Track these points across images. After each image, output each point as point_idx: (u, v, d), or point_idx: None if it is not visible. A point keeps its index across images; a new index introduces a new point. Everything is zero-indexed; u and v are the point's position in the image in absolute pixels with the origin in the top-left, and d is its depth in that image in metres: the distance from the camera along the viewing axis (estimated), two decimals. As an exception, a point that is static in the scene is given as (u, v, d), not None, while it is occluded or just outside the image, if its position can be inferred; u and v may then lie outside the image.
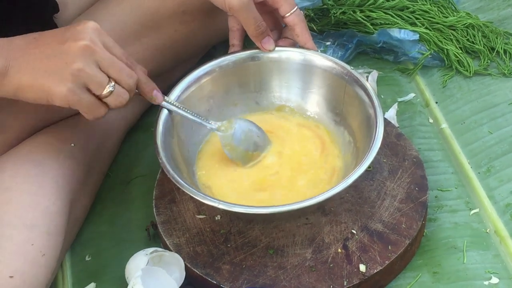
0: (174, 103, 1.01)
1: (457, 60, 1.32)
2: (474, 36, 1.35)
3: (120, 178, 1.18)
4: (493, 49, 1.34)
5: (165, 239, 1.01)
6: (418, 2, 1.39)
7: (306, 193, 0.99)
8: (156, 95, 0.98)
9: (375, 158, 0.94)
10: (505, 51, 1.33)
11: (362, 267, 0.96)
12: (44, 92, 0.87)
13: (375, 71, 1.33)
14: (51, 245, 0.94)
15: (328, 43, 1.37)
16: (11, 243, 0.91)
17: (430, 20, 1.36)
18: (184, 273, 0.98)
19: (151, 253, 0.98)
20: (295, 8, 1.03)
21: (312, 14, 1.42)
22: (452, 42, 1.34)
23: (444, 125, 1.23)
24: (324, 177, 1.02)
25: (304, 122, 1.10)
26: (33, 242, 0.92)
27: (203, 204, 0.97)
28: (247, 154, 1.04)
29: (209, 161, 1.06)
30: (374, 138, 0.96)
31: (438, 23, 1.36)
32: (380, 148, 0.95)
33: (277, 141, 1.07)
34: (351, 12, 1.38)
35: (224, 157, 1.05)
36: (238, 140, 1.03)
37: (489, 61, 1.32)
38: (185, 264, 0.98)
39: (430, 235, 1.06)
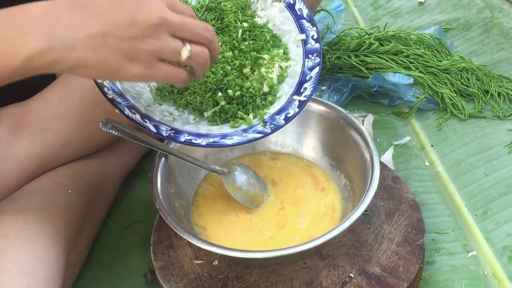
0: (174, 149, 1.02)
1: (452, 103, 1.33)
2: (468, 79, 1.36)
3: (117, 224, 1.18)
4: (487, 92, 1.35)
5: (163, 285, 1.01)
6: (412, 47, 1.41)
7: (309, 233, 1.00)
8: None
9: (371, 201, 0.95)
10: (499, 94, 1.34)
11: (361, 311, 0.95)
12: (110, 72, 0.79)
13: (370, 115, 1.34)
14: None
15: (324, 87, 1.38)
16: None
17: (424, 64, 1.38)
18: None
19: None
20: None
21: (307, 59, 1.43)
22: (447, 86, 1.35)
23: (440, 168, 1.23)
24: (324, 212, 1.03)
25: (297, 162, 1.11)
26: None
27: (201, 249, 0.96)
28: (251, 195, 1.04)
29: (206, 205, 1.06)
30: (371, 182, 0.96)
31: (432, 66, 1.37)
32: (376, 191, 0.95)
33: (272, 183, 1.08)
34: (346, 57, 1.40)
35: (220, 201, 1.05)
36: (241, 182, 1.04)
37: (483, 104, 1.33)
38: (183, 310, 0.97)
39: (428, 278, 1.05)
